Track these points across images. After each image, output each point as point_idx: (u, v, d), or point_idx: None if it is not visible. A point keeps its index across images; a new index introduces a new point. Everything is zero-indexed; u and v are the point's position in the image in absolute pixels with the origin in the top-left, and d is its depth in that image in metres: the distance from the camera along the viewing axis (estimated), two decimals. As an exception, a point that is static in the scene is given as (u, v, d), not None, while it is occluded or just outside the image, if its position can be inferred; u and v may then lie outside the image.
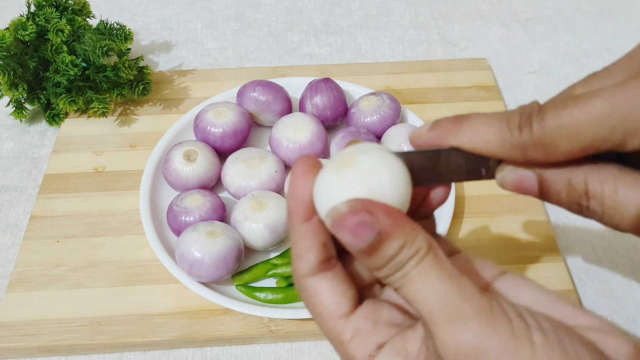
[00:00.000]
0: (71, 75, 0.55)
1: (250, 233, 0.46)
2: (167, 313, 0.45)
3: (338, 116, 0.56)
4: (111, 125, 0.59)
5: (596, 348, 0.22)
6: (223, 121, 0.52)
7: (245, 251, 0.46)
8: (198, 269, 0.43)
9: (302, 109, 0.56)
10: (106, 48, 0.54)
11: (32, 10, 0.58)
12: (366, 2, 0.76)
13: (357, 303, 0.25)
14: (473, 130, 0.24)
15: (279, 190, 0.50)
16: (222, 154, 0.53)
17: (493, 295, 0.22)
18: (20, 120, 0.59)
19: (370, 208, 0.22)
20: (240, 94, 0.56)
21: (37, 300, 0.46)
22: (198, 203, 0.47)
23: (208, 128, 0.52)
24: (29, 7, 0.58)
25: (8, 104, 0.58)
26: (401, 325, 0.25)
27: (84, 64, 0.56)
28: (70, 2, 0.60)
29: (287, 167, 0.52)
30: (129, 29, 0.58)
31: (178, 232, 0.47)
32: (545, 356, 0.21)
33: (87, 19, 0.60)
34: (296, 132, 0.52)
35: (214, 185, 0.52)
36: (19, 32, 0.54)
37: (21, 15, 0.57)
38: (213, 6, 0.76)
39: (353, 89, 0.59)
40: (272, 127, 0.54)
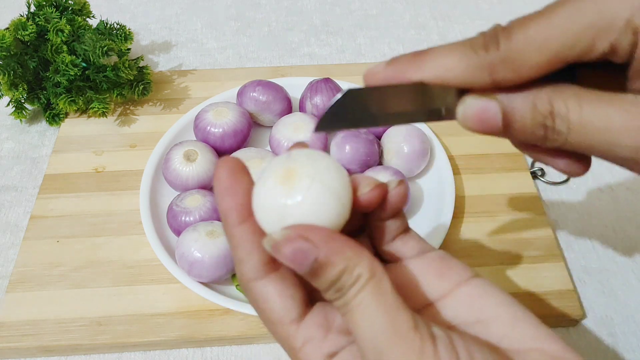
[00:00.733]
0: (71, 75, 0.55)
1: (250, 233, 0.46)
2: (167, 313, 0.45)
3: (338, 116, 0.55)
4: (111, 125, 0.59)
5: None
6: (223, 121, 0.52)
7: (245, 251, 0.46)
8: (198, 269, 0.43)
9: (302, 109, 0.56)
10: (106, 48, 0.54)
11: (32, 10, 0.58)
12: (366, 2, 0.76)
13: (308, 306, 0.25)
14: (435, 60, 0.23)
15: (279, 190, 0.50)
16: (222, 154, 0.53)
17: (428, 334, 0.21)
18: (20, 120, 0.59)
19: (306, 234, 0.22)
20: (240, 94, 0.56)
21: (37, 300, 0.46)
22: (198, 203, 0.47)
23: (208, 128, 0.52)
24: (29, 7, 0.58)
25: (8, 104, 0.58)
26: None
27: (84, 64, 0.56)
28: (70, 2, 0.60)
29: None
30: (129, 29, 0.58)
31: (178, 232, 0.47)
32: None
33: (87, 19, 0.60)
34: (296, 132, 0.52)
35: (214, 185, 0.52)
36: (19, 32, 0.54)
37: (21, 15, 0.57)
38: (213, 6, 0.76)
39: (353, 89, 0.59)
40: (272, 127, 0.54)
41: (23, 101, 0.58)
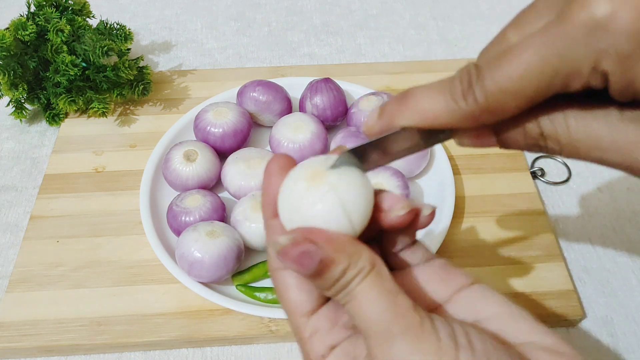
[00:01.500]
0: (71, 75, 0.55)
1: (250, 233, 0.46)
2: (167, 313, 0.45)
3: (338, 116, 0.56)
4: (111, 125, 0.59)
5: None
6: (223, 121, 0.52)
7: (245, 251, 0.46)
8: (198, 269, 0.43)
9: (302, 109, 0.56)
10: (106, 48, 0.54)
11: (32, 10, 0.58)
12: (366, 2, 0.76)
13: (323, 302, 0.26)
14: (419, 107, 0.24)
15: (279, 190, 0.50)
16: (222, 154, 0.53)
17: (427, 315, 0.22)
18: (20, 120, 0.59)
19: (311, 237, 0.23)
20: (240, 94, 0.56)
21: (37, 300, 0.46)
22: (198, 203, 0.47)
23: (208, 128, 0.52)
24: (29, 7, 0.58)
25: (8, 104, 0.58)
26: (356, 328, 0.25)
27: (84, 64, 0.56)
28: (70, 2, 0.60)
29: (287, 167, 0.52)
30: (129, 29, 0.58)
31: (178, 232, 0.47)
32: None
33: (87, 19, 0.60)
34: (296, 132, 0.52)
35: (214, 185, 0.52)
36: (19, 32, 0.54)
37: (21, 15, 0.57)
38: (213, 6, 0.76)
39: (353, 89, 0.59)
40: (272, 127, 0.54)
41: (23, 101, 0.58)
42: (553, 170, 0.56)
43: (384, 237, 0.28)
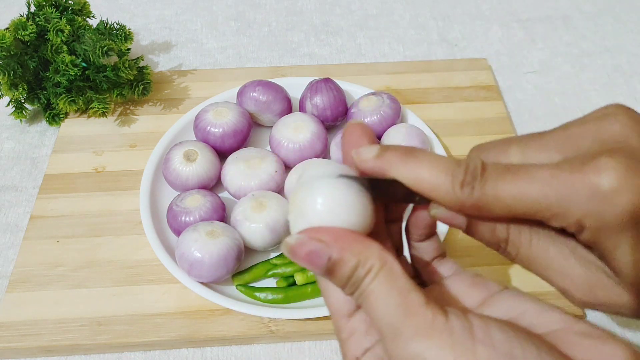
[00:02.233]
0: (71, 75, 0.55)
1: (250, 233, 0.46)
2: (167, 313, 0.45)
3: (338, 116, 0.56)
4: (111, 125, 0.59)
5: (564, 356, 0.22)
6: (223, 121, 0.52)
7: (245, 251, 0.46)
8: (198, 269, 0.43)
9: (302, 109, 0.56)
10: (106, 48, 0.54)
11: (32, 10, 0.58)
12: (366, 2, 0.76)
13: None
14: (419, 172, 0.25)
15: (279, 190, 0.50)
16: (222, 154, 0.53)
17: (441, 310, 0.23)
18: (20, 120, 0.59)
19: (318, 236, 0.23)
20: (240, 94, 0.56)
21: (37, 300, 0.46)
22: (198, 203, 0.47)
23: (208, 128, 0.52)
24: (29, 7, 0.58)
25: (8, 104, 0.58)
26: None
27: (84, 64, 0.56)
28: (70, 2, 0.60)
29: (287, 167, 0.52)
30: (129, 29, 0.58)
31: (178, 232, 0.47)
32: None
33: (87, 19, 0.60)
34: (296, 132, 0.52)
35: (214, 185, 0.52)
36: (19, 32, 0.54)
37: (21, 15, 0.57)
38: (213, 6, 0.76)
39: (353, 89, 0.59)
40: (272, 127, 0.54)
41: (23, 101, 0.58)
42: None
43: (409, 249, 0.30)
